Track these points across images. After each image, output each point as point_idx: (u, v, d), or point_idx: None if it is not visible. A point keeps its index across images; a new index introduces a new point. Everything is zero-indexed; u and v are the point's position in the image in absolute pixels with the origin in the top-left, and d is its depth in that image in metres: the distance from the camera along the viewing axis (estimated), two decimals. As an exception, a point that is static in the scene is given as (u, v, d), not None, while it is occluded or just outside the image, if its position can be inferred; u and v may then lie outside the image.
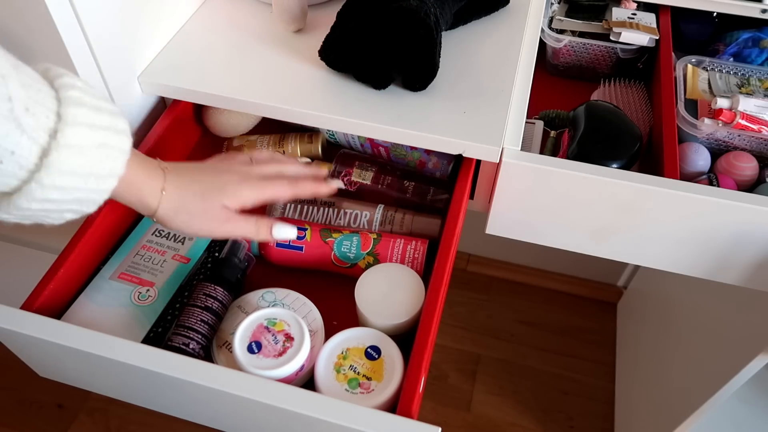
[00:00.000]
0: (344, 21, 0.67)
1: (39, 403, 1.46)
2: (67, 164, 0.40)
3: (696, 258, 0.69)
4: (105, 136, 0.43)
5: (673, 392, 1.13)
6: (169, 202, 0.51)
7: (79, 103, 0.41)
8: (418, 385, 0.50)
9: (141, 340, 0.57)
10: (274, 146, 0.73)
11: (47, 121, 0.40)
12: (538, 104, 0.78)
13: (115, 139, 0.44)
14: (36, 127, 0.39)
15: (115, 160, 0.44)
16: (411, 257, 0.62)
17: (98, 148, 0.42)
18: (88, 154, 0.42)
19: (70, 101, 0.41)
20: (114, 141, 0.44)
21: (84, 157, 0.41)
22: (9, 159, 0.38)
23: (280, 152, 0.72)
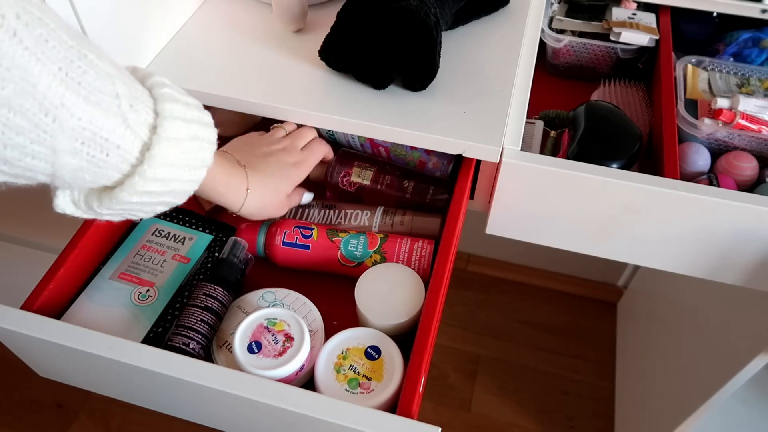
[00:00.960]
0: (344, 21, 0.67)
1: (39, 403, 1.46)
2: (168, 157, 0.43)
3: (696, 258, 0.69)
4: (197, 129, 0.46)
5: (673, 392, 1.13)
6: (253, 199, 0.57)
7: (172, 99, 0.44)
8: (418, 385, 0.50)
9: (141, 340, 0.57)
10: None
11: (147, 117, 0.42)
12: (538, 104, 0.78)
13: (204, 132, 0.46)
14: (139, 122, 0.41)
15: (206, 151, 0.47)
16: (418, 256, 0.62)
17: (192, 140, 0.45)
18: (184, 146, 0.44)
19: (165, 98, 0.44)
20: (204, 133, 0.46)
21: (180, 148, 0.44)
22: (115, 152, 0.40)
23: None
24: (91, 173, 0.41)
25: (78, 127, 0.38)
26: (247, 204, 0.57)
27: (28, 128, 0.36)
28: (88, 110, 0.38)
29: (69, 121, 0.37)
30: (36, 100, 0.35)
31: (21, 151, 0.37)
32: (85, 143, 0.39)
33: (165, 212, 0.67)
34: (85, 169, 0.40)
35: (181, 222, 0.67)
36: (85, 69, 0.38)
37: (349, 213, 0.69)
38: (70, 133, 0.38)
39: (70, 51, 0.37)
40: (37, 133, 0.36)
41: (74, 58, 0.37)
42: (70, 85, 0.37)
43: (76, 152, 0.39)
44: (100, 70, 0.39)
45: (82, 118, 0.38)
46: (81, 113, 0.38)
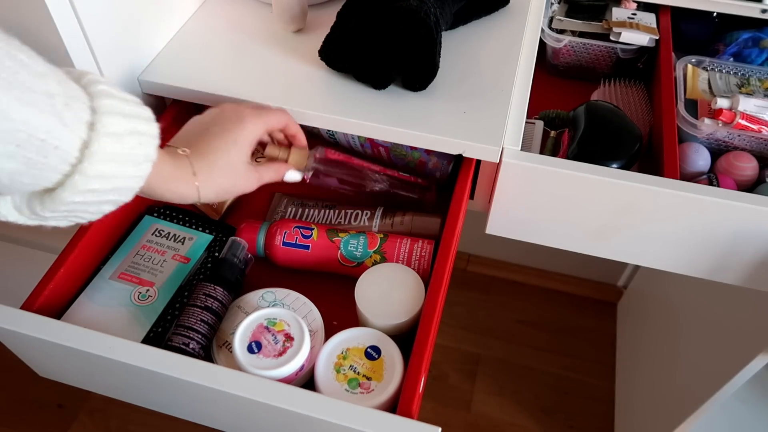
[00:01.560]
0: (344, 21, 0.67)
1: (39, 403, 1.46)
2: (107, 152, 0.42)
3: (696, 258, 0.69)
4: (136, 123, 0.45)
5: (673, 392, 1.13)
6: (205, 185, 0.54)
7: (108, 95, 0.43)
8: (418, 385, 0.50)
9: (141, 340, 0.57)
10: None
11: (84, 115, 0.41)
12: (538, 104, 0.78)
13: (145, 126, 0.46)
14: (76, 120, 0.40)
15: (148, 145, 0.46)
16: (418, 256, 0.62)
17: (131, 135, 0.44)
18: (124, 141, 0.43)
19: (101, 94, 0.43)
20: (144, 127, 0.46)
21: (121, 144, 0.43)
22: (53, 154, 0.39)
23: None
24: (29, 176, 0.39)
25: (12, 129, 0.37)
26: (201, 189, 0.53)
27: None
28: (22, 111, 0.37)
29: (2, 124, 0.36)
30: None
31: None
32: (20, 146, 0.37)
33: (165, 212, 0.67)
34: (23, 173, 0.39)
35: (181, 222, 0.67)
36: (16, 69, 0.37)
37: (349, 213, 0.69)
38: (4, 135, 0.36)
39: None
40: None
41: (4, 59, 0.36)
42: (1, 86, 0.36)
43: (12, 155, 0.37)
44: (32, 70, 0.38)
45: (16, 120, 0.37)
46: (15, 114, 0.36)
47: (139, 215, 0.68)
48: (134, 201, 0.66)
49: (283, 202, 0.72)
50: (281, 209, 0.71)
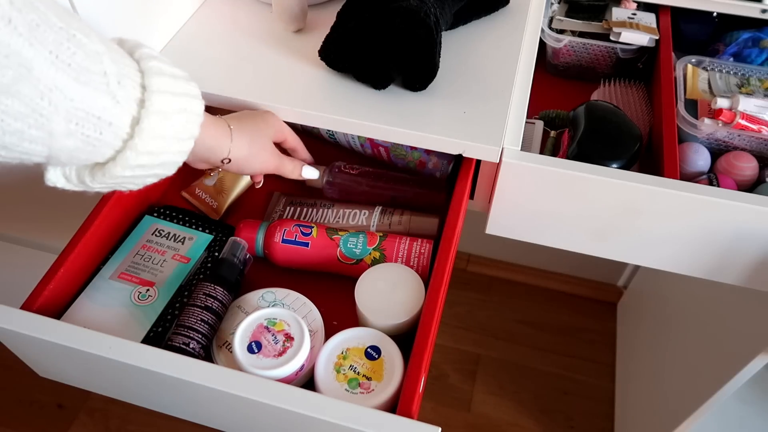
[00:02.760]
0: (344, 21, 0.67)
1: (39, 403, 1.46)
2: (157, 130, 0.44)
3: (696, 258, 0.69)
4: (184, 101, 0.46)
5: (673, 392, 1.13)
6: (238, 138, 0.56)
7: (159, 72, 0.45)
8: (418, 385, 0.50)
9: (141, 340, 0.57)
10: None
11: (135, 92, 0.43)
12: (538, 104, 0.78)
13: (192, 104, 0.47)
14: (127, 98, 0.42)
15: (194, 123, 0.47)
16: (417, 253, 0.62)
17: (179, 113, 0.46)
18: (172, 119, 0.45)
19: (152, 71, 0.44)
20: (191, 106, 0.47)
21: (169, 121, 0.45)
22: (107, 130, 0.41)
23: None
24: (86, 152, 0.41)
25: (72, 108, 0.38)
26: (234, 141, 0.56)
27: (25, 113, 0.36)
28: (79, 91, 0.39)
29: (63, 103, 0.38)
30: (32, 85, 0.36)
31: (20, 136, 0.37)
32: (79, 124, 0.39)
33: (165, 212, 0.67)
34: (81, 149, 0.41)
35: (181, 222, 0.67)
36: (74, 50, 0.38)
37: (347, 212, 0.69)
38: (65, 114, 0.38)
39: (59, 33, 0.38)
40: (35, 118, 0.37)
41: (63, 40, 0.38)
42: (61, 68, 0.37)
43: (72, 133, 0.39)
44: (88, 50, 0.39)
45: (75, 99, 0.38)
46: (73, 94, 0.38)
47: (139, 215, 0.68)
48: (135, 201, 0.67)
49: (282, 202, 0.72)
50: (279, 209, 0.71)
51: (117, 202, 0.63)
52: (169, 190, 0.73)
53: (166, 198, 0.73)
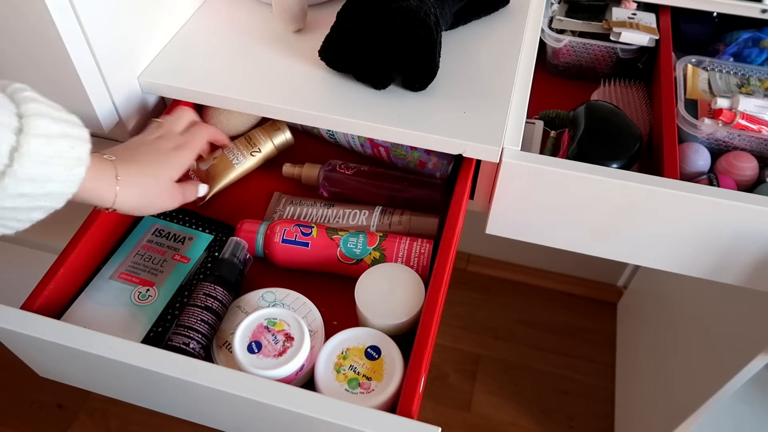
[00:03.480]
0: (344, 21, 0.67)
1: (39, 403, 1.46)
2: (39, 154, 0.42)
3: (696, 258, 0.69)
4: (65, 127, 0.45)
5: (673, 392, 1.13)
6: (128, 189, 0.53)
7: (34, 100, 0.43)
8: (418, 385, 0.50)
9: (141, 340, 0.57)
10: (246, 147, 0.73)
11: (11, 121, 0.41)
12: (538, 104, 0.78)
13: (75, 130, 0.46)
14: (3, 126, 0.41)
15: (79, 148, 0.45)
16: (417, 253, 0.62)
17: (62, 138, 0.44)
18: (55, 144, 0.43)
19: (27, 100, 0.43)
20: (74, 131, 0.45)
21: (51, 146, 0.43)
22: None
23: (256, 150, 0.73)
24: None
25: None
26: (120, 195, 0.52)
27: None
28: None
29: None
30: None
31: None
32: None
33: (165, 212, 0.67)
34: None
35: (181, 222, 0.67)
36: None
37: (347, 212, 0.69)
38: None
39: None
40: None
41: None
42: None
43: None
44: None
45: None
46: None
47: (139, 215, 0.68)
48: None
49: (282, 202, 0.72)
50: (280, 208, 0.71)
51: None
52: (169, 190, 0.73)
53: (166, 198, 0.72)
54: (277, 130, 0.74)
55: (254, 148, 0.73)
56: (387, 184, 0.70)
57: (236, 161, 0.71)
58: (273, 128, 0.74)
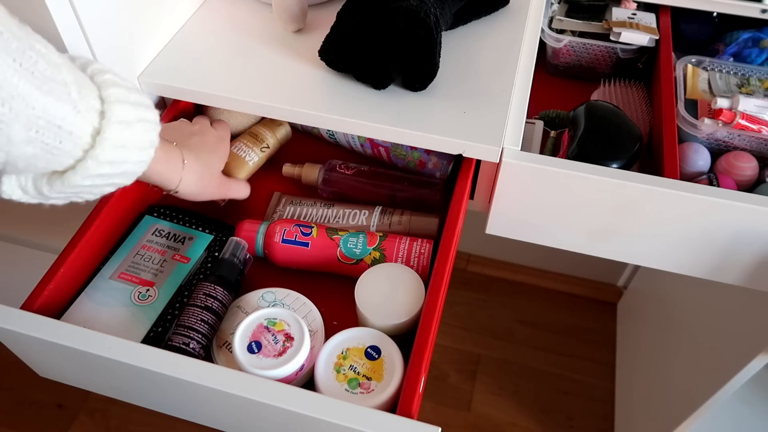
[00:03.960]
0: (344, 21, 0.67)
1: (39, 403, 1.46)
2: (119, 139, 0.44)
3: (696, 258, 0.69)
4: (141, 111, 0.47)
5: (673, 392, 1.13)
6: (190, 175, 0.57)
7: (115, 84, 0.45)
8: (418, 385, 0.50)
9: (141, 340, 0.57)
10: (255, 144, 0.73)
11: (95, 103, 0.43)
12: (538, 104, 0.78)
13: (149, 114, 0.48)
14: (88, 108, 0.42)
15: (152, 132, 0.48)
16: (417, 253, 0.62)
17: (139, 122, 0.46)
18: (133, 128, 0.45)
19: (108, 83, 0.45)
20: (148, 115, 0.47)
21: (130, 131, 0.45)
22: (68, 139, 0.41)
23: (265, 146, 0.73)
24: (45, 160, 0.41)
25: (33, 116, 0.39)
26: (184, 180, 0.57)
27: None
28: (41, 99, 0.39)
29: (24, 111, 0.38)
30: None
31: None
32: (39, 132, 0.39)
33: (165, 212, 0.67)
34: (40, 157, 0.41)
35: (181, 222, 0.67)
36: (36, 59, 0.39)
37: (347, 212, 0.69)
38: (26, 122, 0.38)
39: (21, 42, 0.38)
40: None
41: (26, 49, 0.38)
42: (24, 75, 0.38)
43: (31, 141, 0.39)
44: (49, 60, 0.40)
45: (36, 107, 0.39)
46: (35, 102, 0.39)
47: (139, 215, 0.68)
48: (135, 201, 0.66)
49: (282, 202, 0.72)
50: (280, 208, 0.71)
51: (117, 202, 0.63)
52: (169, 190, 0.73)
53: (166, 198, 0.73)
54: (279, 125, 0.75)
55: (263, 144, 0.73)
56: (387, 184, 0.70)
57: (248, 158, 0.71)
58: (275, 123, 0.75)
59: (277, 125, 0.75)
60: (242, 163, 0.71)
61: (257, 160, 0.72)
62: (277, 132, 0.74)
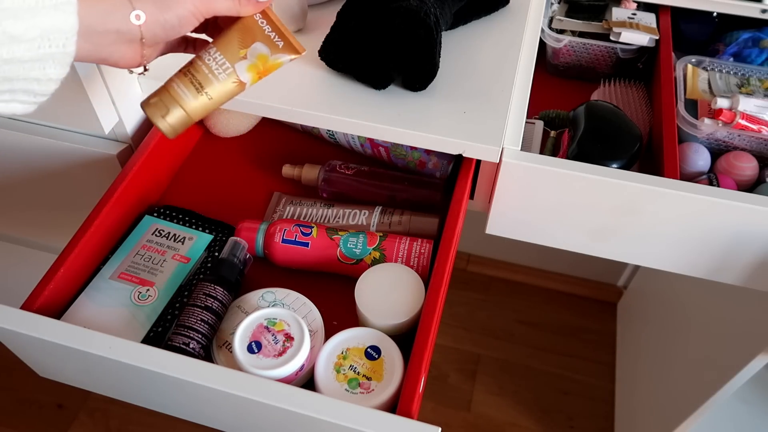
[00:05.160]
0: (344, 21, 0.67)
1: (39, 403, 1.46)
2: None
3: (696, 258, 0.69)
4: None
5: (673, 392, 1.13)
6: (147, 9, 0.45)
7: None
8: (418, 385, 0.50)
9: (141, 340, 0.57)
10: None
11: None
12: (538, 104, 0.78)
13: None
14: None
15: None
16: (417, 253, 0.62)
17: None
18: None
19: None
20: None
21: None
22: None
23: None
24: None
25: None
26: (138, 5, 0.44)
27: None
28: None
29: None
30: None
31: None
32: None
33: (165, 212, 0.67)
34: None
35: (181, 222, 0.67)
36: None
37: (347, 212, 0.69)
38: None
39: None
40: None
41: None
42: None
43: None
44: None
45: None
46: None
47: (139, 215, 0.68)
48: (135, 201, 0.66)
49: (282, 202, 0.72)
50: (279, 209, 0.71)
51: (117, 202, 0.63)
52: (169, 190, 0.73)
53: (166, 198, 0.73)
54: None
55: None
56: (387, 184, 0.70)
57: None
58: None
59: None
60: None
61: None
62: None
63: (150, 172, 0.68)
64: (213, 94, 0.52)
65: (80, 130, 0.72)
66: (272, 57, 0.53)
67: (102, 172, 0.73)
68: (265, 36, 0.53)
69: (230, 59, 0.52)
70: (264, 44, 0.52)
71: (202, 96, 0.52)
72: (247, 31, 0.52)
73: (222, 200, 0.72)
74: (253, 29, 0.52)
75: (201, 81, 0.51)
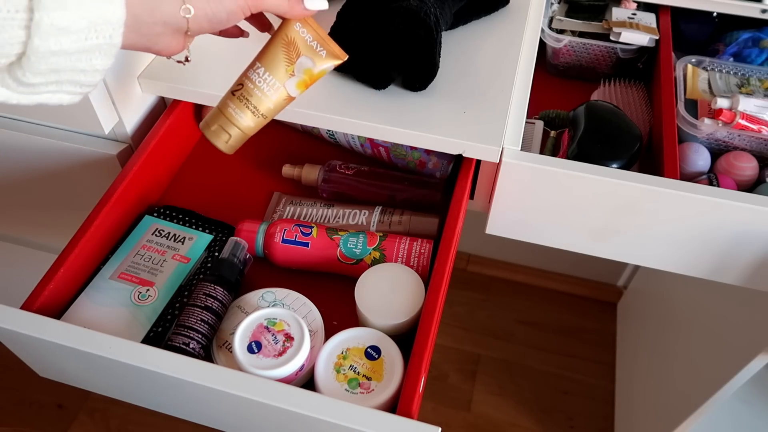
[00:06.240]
0: (344, 21, 0.67)
1: (39, 403, 1.46)
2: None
3: (696, 258, 0.69)
4: None
5: (673, 392, 1.13)
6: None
7: None
8: (418, 385, 0.50)
9: (141, 340, 0.57)
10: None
11: None
12: (538, 104, 0.78)
13: None
14: None
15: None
16: (417, 253, 0.62)
17: None
18: None
19: None
20: None
21: None
22: (4, 6, 0.36)
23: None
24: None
25: None
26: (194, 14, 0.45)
27: None
28: None
29: None
30: None
31: None
32: None
33: (165, 212, 0.67)
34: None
35: (181, 222, 0.67)
36: None
37: (347, 212, 0.69)
38: None
39: None
40: None
41: None
42: None
43: None
44: None
45: None
46: None
47: (139, 215, 0.68)
48: (135, 201, 0.66)
49: (282, 202, 0.72)
50: (280, 209, 0.71)
51: (117, 202, 0.63)
52: (169, 190, 0.73)
53: (166, 198, 0.73)
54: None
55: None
56: (387, 184, 0.70)
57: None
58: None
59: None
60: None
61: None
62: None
63: (150, 172, 0.68)
64: (267, 113, 0.55)
65: (80, 130, 0.72)
66: (317, 68, 0.55)
67: (102, 172, 0.73)
68: (307, 47, 0.54)
69: (279, 79, 0.54)
70: (308, 57, 0.54)
71: (258, 117, 0.55)
72: (290, 45, 0.54)
73: (222, 200, 0.72)
74: (296, 42, 0.54)
75: (255, 104, 0.54)
